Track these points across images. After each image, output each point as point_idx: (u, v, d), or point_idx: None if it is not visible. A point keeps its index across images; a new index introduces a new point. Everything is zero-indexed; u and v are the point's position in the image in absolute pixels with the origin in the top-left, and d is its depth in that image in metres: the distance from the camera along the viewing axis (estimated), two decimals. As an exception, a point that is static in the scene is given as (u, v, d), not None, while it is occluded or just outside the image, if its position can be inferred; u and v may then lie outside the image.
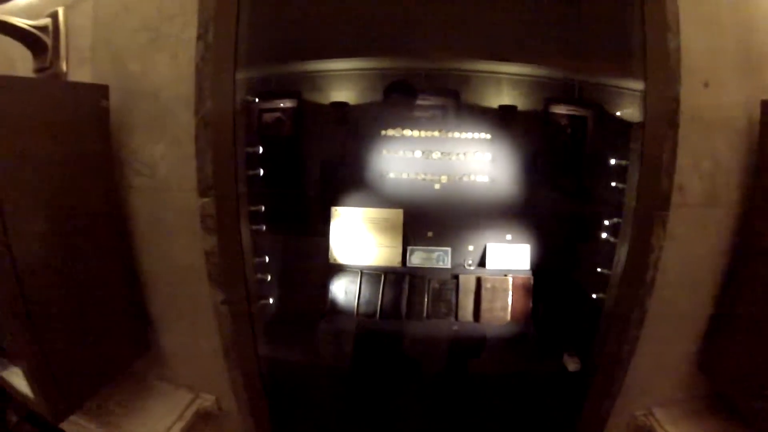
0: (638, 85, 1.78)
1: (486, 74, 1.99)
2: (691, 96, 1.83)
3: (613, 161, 1.93)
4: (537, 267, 1.99)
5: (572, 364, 1.97)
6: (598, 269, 1.94)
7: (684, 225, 1.96)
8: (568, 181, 1.93)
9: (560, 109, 1.90)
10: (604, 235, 1.95)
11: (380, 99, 1.91)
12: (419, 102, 1.89)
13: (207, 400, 1.95)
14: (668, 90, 1.75)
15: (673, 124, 1.81)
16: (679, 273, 2.04)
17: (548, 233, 1.98)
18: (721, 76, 1.89)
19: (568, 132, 1.91)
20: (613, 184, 1.92)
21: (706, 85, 1.89)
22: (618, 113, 1.96)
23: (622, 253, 1.83)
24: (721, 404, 2.20)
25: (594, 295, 1.95)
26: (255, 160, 1.84)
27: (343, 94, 1.96)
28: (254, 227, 1.82)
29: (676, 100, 1.78)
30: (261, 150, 1.83)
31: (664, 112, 1.76)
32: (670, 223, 1.93)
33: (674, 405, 2.20)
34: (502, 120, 1.95)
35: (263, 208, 1.83)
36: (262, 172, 1.83)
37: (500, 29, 1.91)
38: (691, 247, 2.02)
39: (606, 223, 1.93)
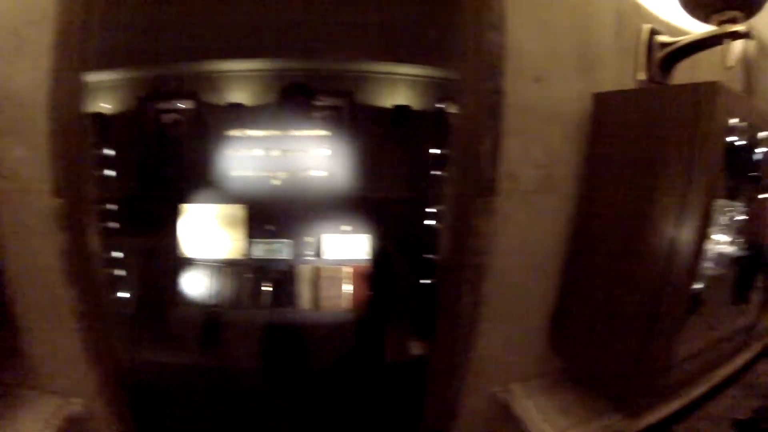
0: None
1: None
2: (523, 90, 1.86)
3: (438, 151, 1.89)
4: (376, 256, 1.97)
5: (416, 348, 1.96)
6: (429, 255, 1.91)
7: (520, 210, 1.93)
8: (402, 172, 1.89)
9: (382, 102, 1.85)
10: (433, 223, 1.91)
11: (223, 100, 1.91)
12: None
13: (76, 405, 1.85)
14: (488, 83, 1.75)
15: (494, 115, 1.74)
16: (521, 256, 2.01)
17: (385, 223, 1.95)
18: (554, 72, 1.92)
19: (395, 123, 1.88)
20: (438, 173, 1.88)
21: (538, 80, 1.89)
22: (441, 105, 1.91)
23: (445, 240, 1.80)
24: (574, 378, 2.20)
25: (427, 281, 1.92)
26: (105, 162, 1.86)
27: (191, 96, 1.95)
28: (105, 226, 1.85)
29: (498, 93, 1.76)
30: (113, 151, 1.84)
31: (485, 104, 1.76)
32: (506, 209, 1.88)
33: (530, 380, 2.20)
34: (338, 117, 1.92)
35: (114, 207, 1.85)
36: (114, 173, 1.84)
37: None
38: (530, 232, 2.01)
39: (433, 211, 1.90)
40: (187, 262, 1.90)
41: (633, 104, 1.84)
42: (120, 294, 1.89)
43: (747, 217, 2.35)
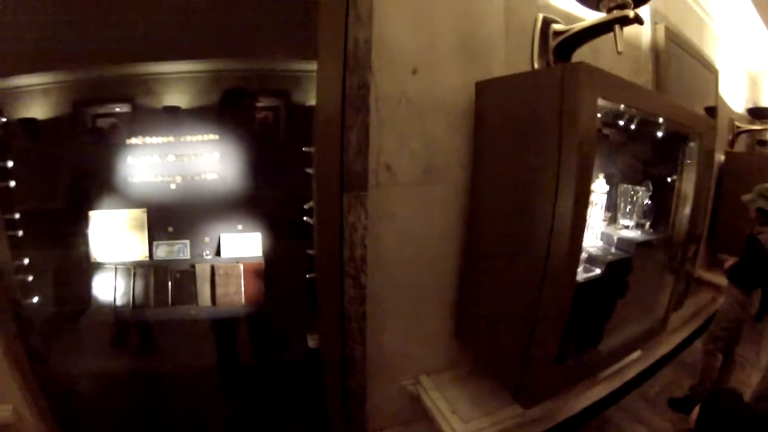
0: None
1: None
2: (399, 82, 1.74)
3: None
4: (268, 253, 1.90)
5: (312, 341, 1.86)
6: (309, 251, 1.81)
7: (401, 202, 1.80)
8: (282, 170, 1.80)
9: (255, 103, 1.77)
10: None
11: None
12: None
13: (5, 411, 1.77)
14: (352, 78, 1.62)
15: (361, 109, 1.64)
16: (409, 249, 1.87)
17: (273, 221, 1.87)
18: (434, 63, 1.79)
19: (262, 123, 1.80)
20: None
21: (415, 72, 1.77)
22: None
23: (317, 235, 1.69)
24: (481, 370, 2.11)
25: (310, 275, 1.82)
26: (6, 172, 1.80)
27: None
28: (12, 234, 1.80)
29: (364, 87, 1.63)
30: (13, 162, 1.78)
31: (350, 99, 1.63)
32: (386, 202, 1.79)
33: (440, 373, 2.11)
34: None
35: (19, 215, 1.79)
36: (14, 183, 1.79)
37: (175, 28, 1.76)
38: (416, 224, 1.85)
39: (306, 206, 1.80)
40: (97, 266, 1.84)
41: (509, 90, 1.70)
42: (32, 299, 1.83)
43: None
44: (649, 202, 2.17)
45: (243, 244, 1.93)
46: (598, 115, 2.10)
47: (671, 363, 3.30)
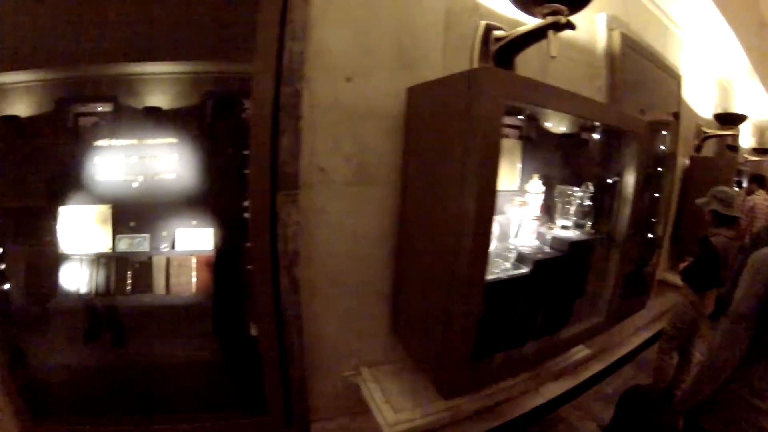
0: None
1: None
2: (333, 90, 1.79)
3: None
4: (218, 246, 1.96)
5: (254, 329, 1.90)
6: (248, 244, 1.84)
7: (334, 202, 1.83)
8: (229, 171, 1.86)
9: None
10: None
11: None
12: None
13: None
14: (286, 87, 1.67)
15: (293, 115, 1.68)
16: (342, 245, 1.90)
17: (221, 217, 1.93)
18: (369, 70, 1.82)
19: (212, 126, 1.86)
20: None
21: (349, 80, 1.82)
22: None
23: (252, 230, 1.74)
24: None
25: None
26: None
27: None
28: None
29: (296, 96, 1.70)
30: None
31: (284, 106, 1.68)
32: (319, 200, 1.82)
33: (381, 365, 2.11)
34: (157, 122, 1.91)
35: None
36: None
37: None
38: (349, 221, 1.89)
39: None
40: (66, 257, 1.93)
41: (432, 94, 1.71)
42: (4, 286, 1.90)
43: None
44: (589, 202, 2.13)
45: (196, 238, 2.00)
46: (521, 117, 2.10)
47: (632, 362, 3.21)
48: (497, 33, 2.06)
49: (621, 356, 3.10)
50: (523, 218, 1.92)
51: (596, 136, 1.99)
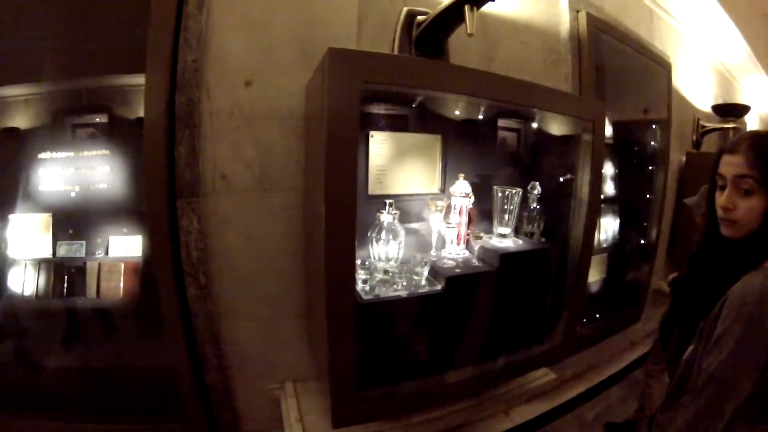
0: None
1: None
2: (231, 95, 1.51)
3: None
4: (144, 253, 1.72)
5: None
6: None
7: (238, 209, 1.53)
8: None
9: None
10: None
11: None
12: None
13: None
14: (180, 96, 1.43)
15: (189, 124, 1.48)
16: (248, 253, 1.61)
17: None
18: (270, 72, 1.54)
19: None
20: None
21: (248, 84, 1.54)
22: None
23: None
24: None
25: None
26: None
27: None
28: None
29: (191, 104, 1.45)
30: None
31: (179, 114, 1.44)
32: (223, 208, 1.58)
33: (306, 381, 1.76)
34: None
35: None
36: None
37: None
38: (255, 229, 1.57)
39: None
40: (12, 262, 1.81)
41: (313, 87, 1.33)
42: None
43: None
44: (537, 206, 1.59)
45: (127, 245, 1.79)
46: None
47: (622, 382, 2.51)
48: (420, 18, 1.61)
49: (609, 375, 2.43)
50: (444, 227, 1.44)
51: (537, 120, 1.47)
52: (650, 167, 2.50)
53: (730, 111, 3.09)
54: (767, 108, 4.71)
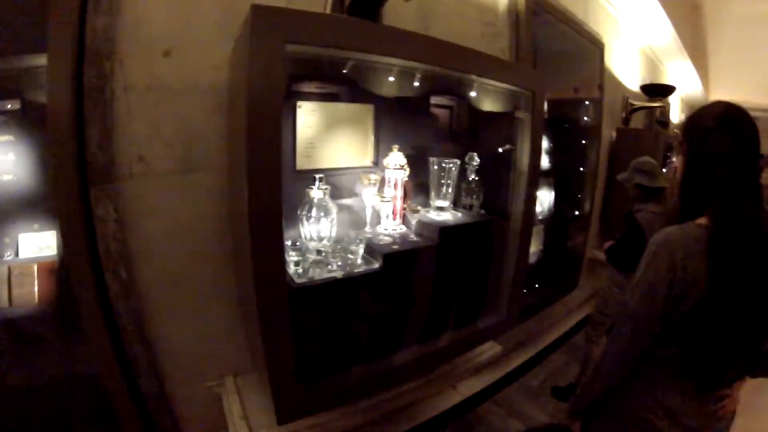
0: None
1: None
2: (149, 67, 1.33)
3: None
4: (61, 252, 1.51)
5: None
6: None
7: (159, 193, 1.37)
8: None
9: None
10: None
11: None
12: None
13: None
14: (89, 70, 1.23)
15: (99, 101, 1.26)
16: (175, 241, 1.45)
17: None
18: (189, 43, 1.36)
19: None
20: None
21: (167, 54, 1.35)
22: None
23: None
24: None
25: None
26: None
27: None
28: None
29: (101, 78, 1.25)
30: None
31: (86, 91, 1.23)
32: (143, 193, 1.39)
33: (247, 374, 1.64)
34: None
35: None
36: None
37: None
38: (179, 215, 1.40)
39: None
40: None
41: (237, 55, 1.21)
42: None
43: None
44: (475, 177, 1.57)
45: (40, 242, 1.58)
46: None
47: (563, 348, 2.61)
48: (353, -13, 1.53)
49: (551, 342, 2.51)
50: (378, 201, 1.39)
51: (474, 94, 1.43)
52: (583, 142, 2.60)
53: (657, 91, 3.28)
54: (689, 90, 5.13)
